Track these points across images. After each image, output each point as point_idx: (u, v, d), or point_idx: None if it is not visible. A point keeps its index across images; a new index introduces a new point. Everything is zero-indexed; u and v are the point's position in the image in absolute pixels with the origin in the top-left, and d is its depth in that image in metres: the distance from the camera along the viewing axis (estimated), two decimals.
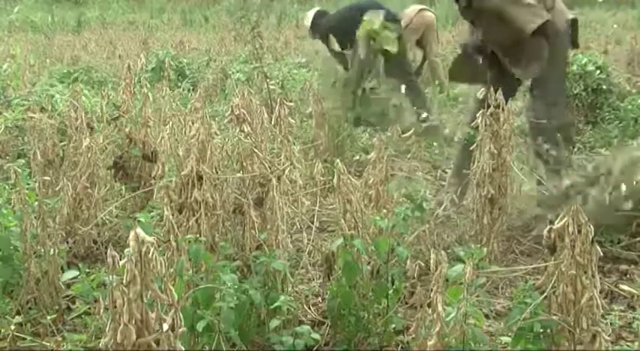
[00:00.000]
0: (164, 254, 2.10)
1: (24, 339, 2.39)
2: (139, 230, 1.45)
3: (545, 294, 1.86)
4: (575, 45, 3.66)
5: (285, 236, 2.45)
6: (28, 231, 2.48)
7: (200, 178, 2.37)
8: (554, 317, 1.85)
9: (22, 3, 16.89)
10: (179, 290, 1.93)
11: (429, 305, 1.79)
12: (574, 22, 3.53)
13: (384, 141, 2.75)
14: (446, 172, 4.27)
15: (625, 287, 2.83)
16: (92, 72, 7.26)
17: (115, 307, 1.45)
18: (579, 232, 1.79)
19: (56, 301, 2.57)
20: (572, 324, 1.83)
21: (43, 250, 2.51)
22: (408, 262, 2.27)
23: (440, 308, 1.72)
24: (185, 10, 18.48)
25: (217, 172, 2.45)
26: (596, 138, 5.21)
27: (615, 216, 3.07)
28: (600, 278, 1.90)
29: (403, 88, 5.44)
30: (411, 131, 4.86)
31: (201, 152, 2.39)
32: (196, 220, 2.37)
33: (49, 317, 2.43)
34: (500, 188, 2.97)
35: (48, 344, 2.37)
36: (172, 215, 2.25)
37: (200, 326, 1.98)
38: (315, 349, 2.23)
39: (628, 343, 2.37)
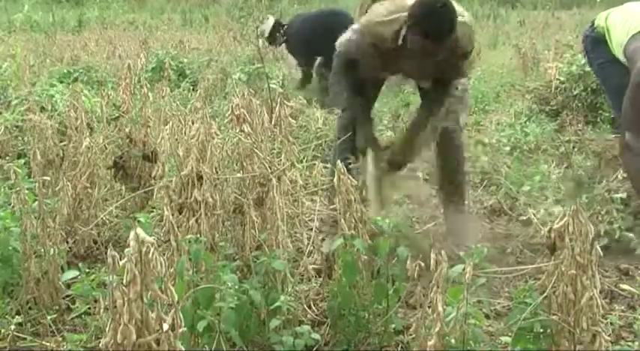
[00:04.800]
0: (164, 254, 2.10)
1: (24, 339, 2.39)
2: (139, 230, 1.44)
3: (545, 294, 1.85)
4: None
5: (285, 236, 2.45)
6: (28, 231, 2.48)
7: (200, 178, 2.37)
8: (554, 317, 1.85)
9: (21, 4, 16.87)
10: (179, 290, 1.93)
11: (429, 305, 1.79)
12: None
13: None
14: None
15: (625, 287, 2.83)
16: (92, 72, 7.25)
17: (115, 307, 1.45)
18: (579, 232, 1.79)
19: (56, 301, 2.56)
20: (572, 324, 1.83)
21: (43, 250, 2.51)
22: (408, 262, 2.27)
23: (440, 308, 1.72)
24: (185, 10, 18.49)
25: (217, 172, 2.45)
26: None
27: None
28: (600, 278, 1.90)
29: None
30: None
31: (201, 152, 2.39)
32: (196, 220, 2.37)
33: (49, 317, 2.43)
34: None
35: (48, 344, 2.37)
36: (172, 215, 2.25)
37: (200, 326, 1.98)
38: (315, 349, 2.23)
39: (628, 343, 2.37)
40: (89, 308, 2.36)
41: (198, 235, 2.23)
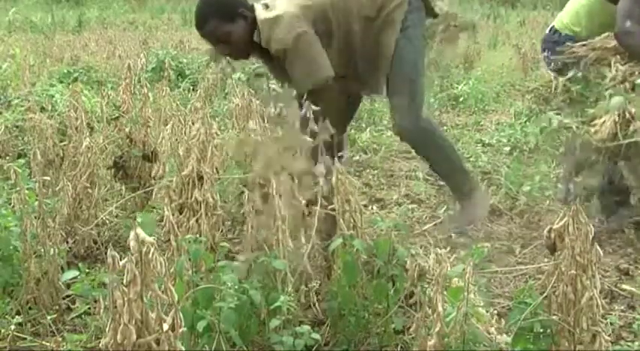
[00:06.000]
0: (164, 254, 2.10)
1: (24, 339, 2.39)
2: (139, 230, 1.44)
3: (545, 294, 1.85)
4: (433, 14, 3.34)
5: (285, 236, 2.44)
6: (28, 231, 2.48)
7: (200, 178, 2.37)
8: (554, 317, 1.85)
9: (21, 3, 16.89)
10: (179, 290, 1.93)
11: (429, 305, 1.79)
12: None
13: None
14: None
15: (626, 287, 2.83)
16: (92, 72, 7.26)
17: (115, 307, 1.45)
18: (579, 232, 1.79)
19: (56, 301, 2.56)
20: (572, 324, 1.83)
21: (43, 250, 2.51)
22: (408, 261, 2.27)
23: (440, 308, 1.72)
24: (185, 10, 18.48)
25: (217, 172, 2.45)
26: None
27: None
28: (600, 278, 1.90)
29: None
30: None
31: (202, 152, 2.39)
32: (196, 220, 2.37)
33: (49, 317, 2.43)
34: None
35: (48, 344, 2.37)
36: (172, 215, 2.25)
37: (200, 326, 1.98)
38: (315, 349, 2.23)
39: (628, 343, 2.37)
40: (89, 308, 2.36)
41: (198, 235, 2.23)
